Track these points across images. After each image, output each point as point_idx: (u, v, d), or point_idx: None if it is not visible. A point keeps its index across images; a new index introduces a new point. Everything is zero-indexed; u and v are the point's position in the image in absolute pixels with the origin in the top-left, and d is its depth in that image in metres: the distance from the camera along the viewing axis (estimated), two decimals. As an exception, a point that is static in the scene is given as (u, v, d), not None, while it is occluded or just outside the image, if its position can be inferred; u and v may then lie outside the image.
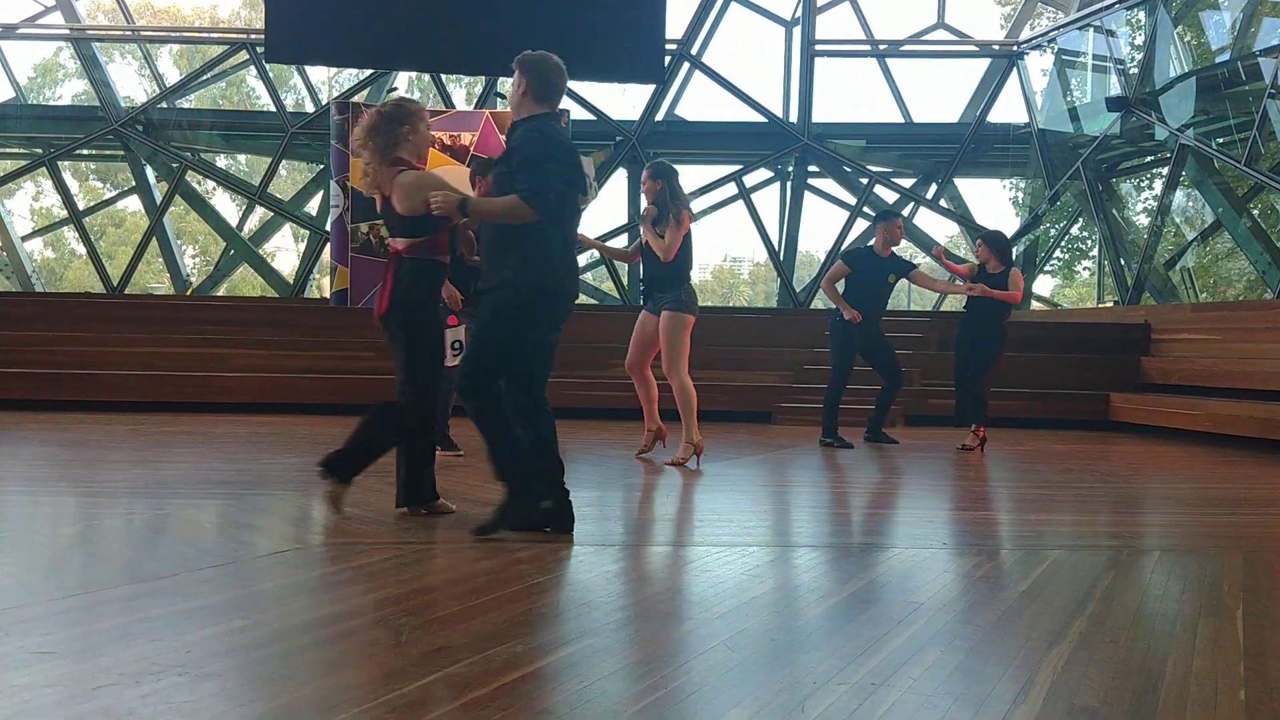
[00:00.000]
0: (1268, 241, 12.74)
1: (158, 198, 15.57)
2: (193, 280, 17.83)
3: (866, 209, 14.75)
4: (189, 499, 4.89)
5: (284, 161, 16.19)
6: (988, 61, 15.51)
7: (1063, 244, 17.50)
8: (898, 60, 15.68)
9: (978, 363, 7.84)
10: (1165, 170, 13.53)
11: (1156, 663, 2.64)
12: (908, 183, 15.46)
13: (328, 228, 13.24)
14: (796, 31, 15.01)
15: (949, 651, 2.67)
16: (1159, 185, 14.77)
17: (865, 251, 8.17)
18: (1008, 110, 15.71)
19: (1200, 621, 3.05)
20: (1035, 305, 16.12)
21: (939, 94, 45.60)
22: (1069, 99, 14.88)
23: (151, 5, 30.51)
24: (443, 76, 15.50)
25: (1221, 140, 12.55)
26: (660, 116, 14.82)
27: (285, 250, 30.13)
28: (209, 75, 16.45)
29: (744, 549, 3.97)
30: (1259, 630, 2.97)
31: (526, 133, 4.09)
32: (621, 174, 15.11)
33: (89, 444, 7.18)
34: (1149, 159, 14.80)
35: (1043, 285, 20.03)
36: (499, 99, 13.97)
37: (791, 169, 15.25)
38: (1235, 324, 10.40)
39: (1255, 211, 13.87)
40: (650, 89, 14.37)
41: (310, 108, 16.60)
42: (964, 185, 15.85)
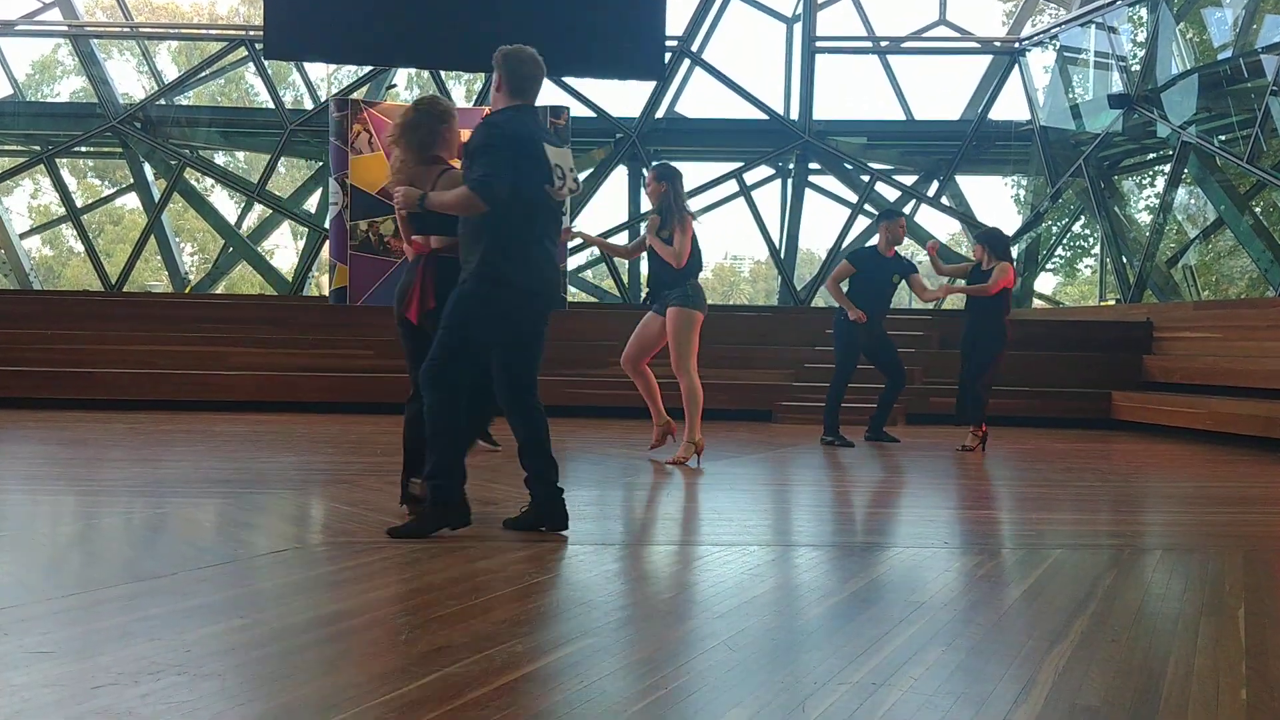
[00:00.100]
0: (1270, 239, 12.73)
1: (156, 195, 15.56)
2: (191, 278, 17.83)
3: (868, 207, 14.73)
4: (188, 498, 4.88)
5: (282, 159, 16.19)
6: (989, 58, 15.49)
7: (1064, 242, 17.49)
8: (899, 57, 15.67)
9: (977, 362, 7.83)
10: (1167, 168, 13.52)
11: (1158, 662, 2.64)
12: (909, 180, 15.45)
13: (326, 225, 13.20)
14: (797, 28, 14.99)
15: (950, 651, 2.66)
16: (1161, 183, 14.78)
17: (869, 251, 8.16)
18: (1009, 107, 15.69)
19: (1202, 620, 3.05)
20: (1037, 303, 16.11)
21: (940, 91, 45.38)
22: (1071, 96, 14.86)
23: (150, 2, 30.48)
24: (442, 73, 15.48)
25: (1224, 137, 12.54)
26: (661, 114, 14.79)
27: (284, 248, 30.14)
28: (207, 72, 16.41)
29: (744, 548, 3.96)
30: (1260, 629, 2.97)
31: (479, 125, 4.08)
32: (622, 171, 15.10)
33: (88, 442, 7.18)
34: (1151, 156, 14.79)
35: (1045, 283, 20.05)
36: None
37: (792, 166, 15.23)
38: (1237, 322, 10.38)
39: (1257, 209, 13.85)
40: (650, 86, 14.36)
41: (309, 105, 16.60)
42: (965, 183, 15.86)
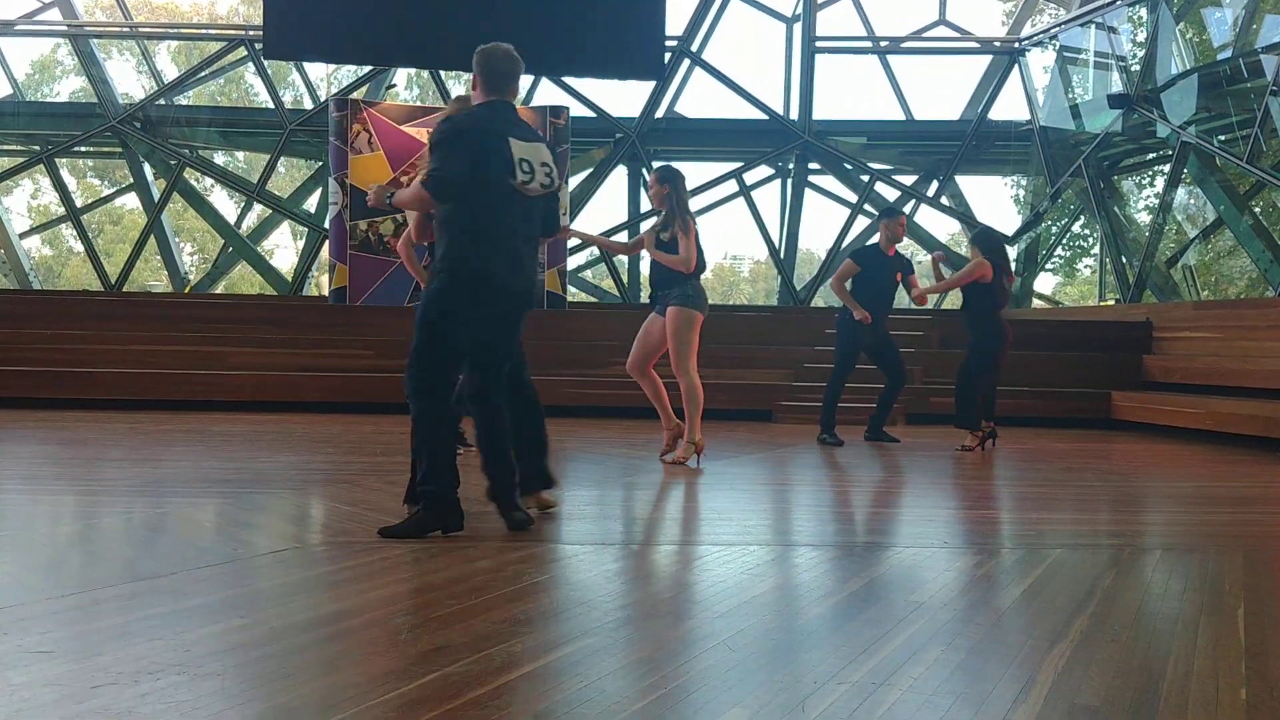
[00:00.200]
0: (1269, 239, 12.73)
1: (156, 195, 15.56)
2: (191, 278, 17.83)
3: (867, 206, 14.73)
4: (188, 497, 4.88)
5: (282, 158, 16.18)
6: (989, 58, 15.50)
7: (1064, 242, 17.49)
8: (899, 57, 15.68)
9: (971, 361, 7.80)
10: (1167, 168, 13.53)
11: (1158, 662, 2.64)
12: (909, 180, 15.45)
13: (326, 225, 13.23)
14: (797, 28, 14.99)
15: (950, 650, 2.66)
16: (1161, 183, 14.78)
17: (872, 250, 8.16)
18: (1009, 107, 15.72)
19: (1201, 620, 3.05)
20: (1036, 303, 16.11)
21: (940, 91, 45.35)
22: (1070, 96, 14.86)
23: (150, 2, 30.48)
24: (442, 73, 15.48)
25: (1223, 137, 12.55)
26: (660, 113, 14.79)
27: (284, 248, 30.14)
28: (207, 72, 16.42)
29: (744, 548, 3.96)
30: (1260, 629, 2.96)
31: (438, 122, 4.12)
32: (621, 171, 15.10)
33: (87, 442, 7.18)
34: (1151, 156, 14.80)
35: (1044, 283, 20.04)
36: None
37: (792, 166, 15.23)
38: (1237, 322, 10.38)
39: (1257, 209, 13.86)
40: (650, 86, 14.35)
41: (309, 104, 16.60)
42: (965, 183, 15.87)
